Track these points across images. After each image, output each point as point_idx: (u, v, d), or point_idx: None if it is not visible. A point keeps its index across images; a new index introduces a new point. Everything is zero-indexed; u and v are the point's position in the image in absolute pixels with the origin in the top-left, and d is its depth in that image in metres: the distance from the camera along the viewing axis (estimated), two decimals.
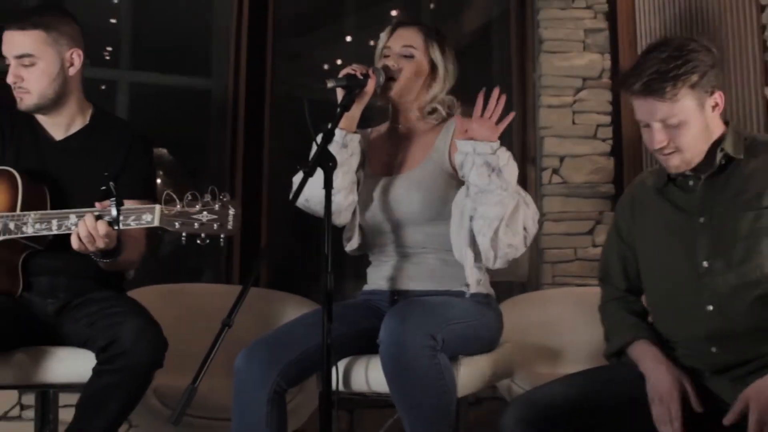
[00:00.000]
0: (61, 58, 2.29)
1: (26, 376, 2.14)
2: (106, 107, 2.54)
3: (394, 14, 4.53)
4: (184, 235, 1.98)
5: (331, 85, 2.18)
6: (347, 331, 2.16)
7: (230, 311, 1.89)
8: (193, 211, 1.98)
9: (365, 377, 2.13)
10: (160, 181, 3.50)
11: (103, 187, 2.03)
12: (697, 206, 1.88)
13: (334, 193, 2.13)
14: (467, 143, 2.13)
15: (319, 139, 2.04)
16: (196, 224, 1.97)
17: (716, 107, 1.85)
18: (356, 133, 2.27)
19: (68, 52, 2.31)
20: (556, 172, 3.89)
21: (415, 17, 4.39)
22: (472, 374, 2.17)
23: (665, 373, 1.83)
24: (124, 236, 2.13)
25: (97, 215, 2.03)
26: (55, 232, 2.10)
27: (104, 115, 2.45)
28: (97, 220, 2.02)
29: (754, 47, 3.23)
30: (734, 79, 3.28)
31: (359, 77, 2.20)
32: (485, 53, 4.28)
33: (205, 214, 1.98)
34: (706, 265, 1.85)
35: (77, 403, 2.08)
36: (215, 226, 1.97)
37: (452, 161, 2.27)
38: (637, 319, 2.02)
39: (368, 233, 2.36)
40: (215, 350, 1.85)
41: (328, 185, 2.01)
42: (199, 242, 2.00)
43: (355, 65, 2.24)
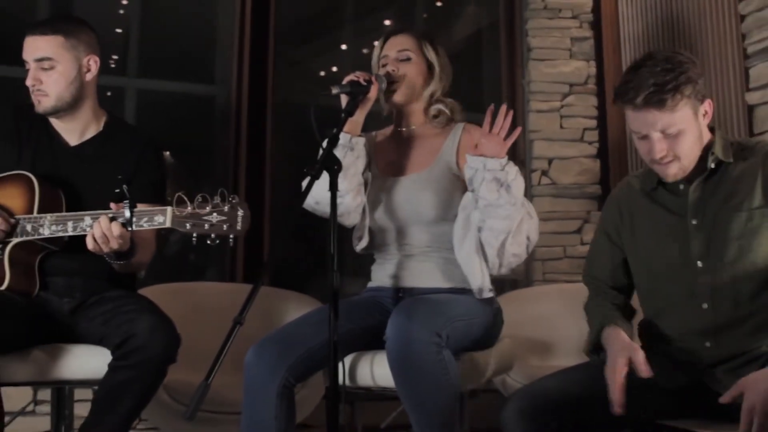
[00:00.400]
0: (78, 63, 2.28)
1: (43, 373, 2.12)
2: (114, 113, 2.52)
3: (387, 23, 4.53)
4: (194, 235, 1.97)
5: (335, 91, 2.17)
6: (353, 327, 2.16)
7: (241, 309, 1.87)
8: (203, 212, 1.97)
9: (371, 372, 2.13)
10: None
11: (117, 189, 2.03)
12: (689, 209, 1.88)
13: (342, 195, 2.13)
14: (477, 159, 2.13)
15: (324, 143, 2.03)
16: (206, 225, 1.96)
17: (706, 115, 1.86)
18: (361, 136, 2.27)
19: (86, 58, 2.30)
20: (545, 173, 3.91)
21: (407, 25, 4.41)
22: (475, 369, 2.17)
23: (618, 346, 1.82)
24: (136, 238, 2.13)
25: (111, 217, 2.02)
26: (70, 233, 2.09)
27: (117, 122, 2.44)
28: (111, 222, 2.02)
29: (734, 54, 3.25)
30: (715, 85, 3.29)
31: (362, 83, 2.20)
32: (476, 61, 4.29)
33: (215, 215, 1.97)
34: (700, 264, 1.85)
35: (93, 398, 2.08)
36: (225, 226, 1.96)
37: (459, 164, 2.27)
38: (610, 309, 1.99)
39: (375, 232, 2.35)
40: (227, 348, 1.84)
41: (333, 187, 2.00)
42: (209, 242, 1.99)
43: (358, 72, 2.24)
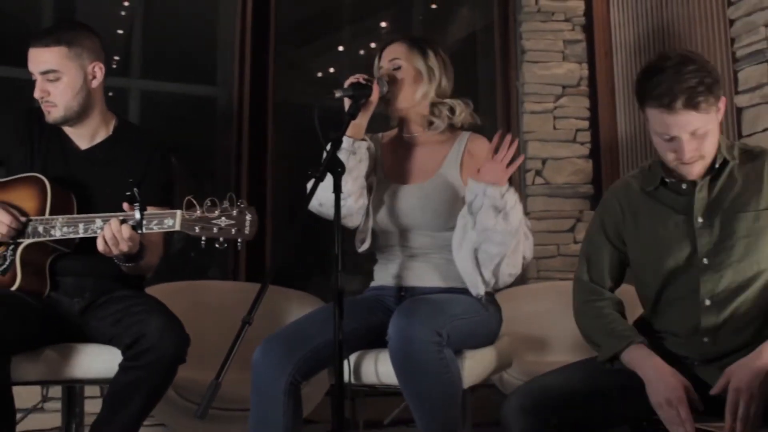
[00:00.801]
0: (84, 71, 2.27)
1: (55, 372, 2.12)
2: (123, 117, 2.52)
3: (384, 25, 4.53)
4: (203, 239, 1.97)
5: (338, 94, 2.17)
6: (357, 326, 2.16)
7: (250, 309, 1.88)
8: (212, 216, 1.97)
9: (375, 370, 2.14)
10: None
11: (127, 192, 2.03)
12: (695, 208, 1.89)
13: (344, 197, 2.13)
14: (478, 185, 2.13)
15: (328, 145, 2.04)
16: (215, 229, 1.96)
17: (719, 111, 1.85)
18: (364, 140, 2.27)
19: (90, 65, 2.28)
20: (538, 173, 3.92)
21: (403, 28, 4.41)
22: (476, 366, 2.18)
23: (669, 377, 1.78)
24: (144, 241, 2.12)
25: (121, 220, 2.02)
26: (81, 235, 2.09)
27: (126, 125, 2.43)
28: (121, 224, 2.02)
29: (723, 58, 3.27)
30: None
31: (362, 82, 2.21)
32: (471, 63, 4.30)
33: (223, 219, 1.97)
34: (706, 262, 1.87)
35: (104, 397, 2.07)
36: (233, 230, 1.96)
37: (462, 177, 2.28)
38: (625, 321, 1.97)
39: (378, 234, 2.35)
40: (237, 346, 1.84)
41: (337, 189, 2.01)
42: (217, 246, 1.99)
43: (358, 74, 2.24)
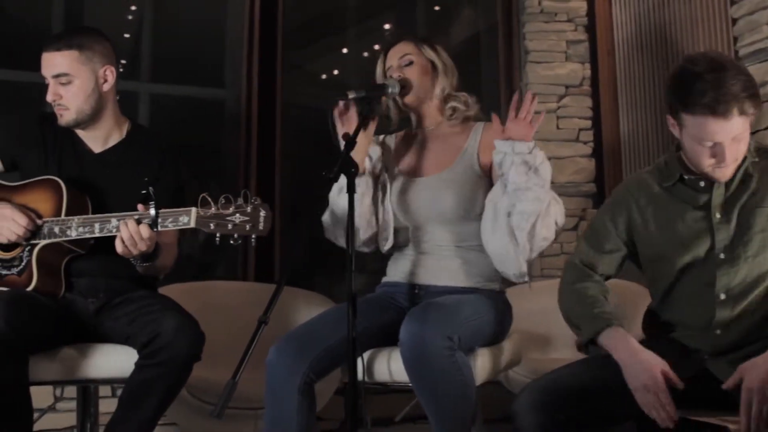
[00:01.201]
0: (95, 75, 2.26)
1: (71, 372, 2.12)
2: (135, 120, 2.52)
3: (387, 27, 4.52)
4: (218, 235, 1.97)
5: (352, 96, 2.17)
6: (369, 325, 2.16)
7: (266, 309, 1.89)
8: (226, 212, 1.96)
9: (388, 368, 2.13)
10: None
11: (143, 191, 2.03)
12: (713, 203, 1.89)
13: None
14: (506, 143, 2.12)
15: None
16: (229, 225, 1.96)
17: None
18: (362, 174, 2.26)
19: (102, 69, 2.28)
20: None
21: (406, 29, 4.41)
22: (487, 364, 2.18)
23: (643, 361, 1.78)
24: (159, 241, 2.12)
25: (136, 219, 2.02)
26: (97, 234, 2.09)
27: (139, 129, 2.42)
28: (138, 224, 2.01)
29: None
30: None
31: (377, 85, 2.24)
32: (475, 64, 4.30)
33: (238, 216, 1.97)
34: (722, 256, 1.87)
35: (120, 396, 2.07)
36: (248, 227, 1.96)
37: (481, 163, 2.27)
38: (607, 304, 1.96)
39: (396, 231, 2.35)
40: (254, 345, 1.84)
41: (351, 189, 2.01)
42: (231, 242, 1.99)
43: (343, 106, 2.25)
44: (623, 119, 3.92)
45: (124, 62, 3.73)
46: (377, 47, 4.37)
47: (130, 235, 2.01)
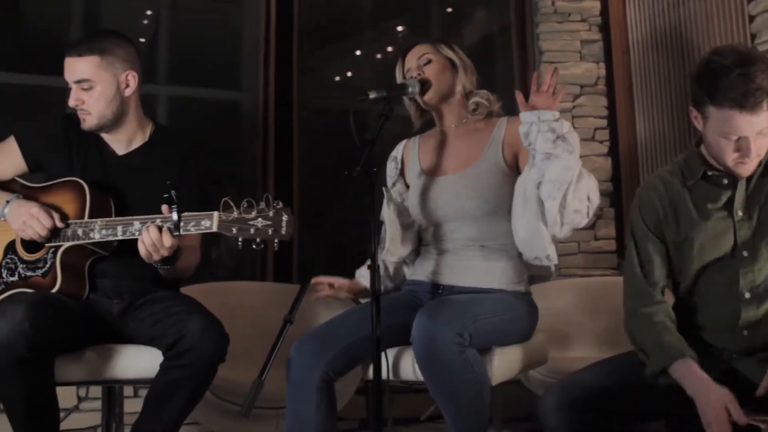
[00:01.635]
0: (116, 80, 2.25)
1: (96, 372, 2.11)
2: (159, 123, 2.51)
3: (400, 29, 4.52)
4: (240, 239, 1.96)
5: (373, 95, 2.16)
6: (390, 323, 2.13)
7: (291, 308, 1.88)
8: (249, 217, 1.95)
9: (412, 366, 2.11)
10: None
11: (165, 195, 2.03)
12: (736, 201, 1.87)
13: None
14: (531, 113, 2.08)
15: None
16: (252, 230, 1.94)
17: None
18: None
19: (123, 74, 2.26)
20: None
21: (420, 33, 4.41)
22: (505, 364, 2.15)
23: (713, 400, 1.73)
24: (181, 243, 2.10)
25: (158, 226, 2.01)
26: (120, 237, 2.08)
27: (163, 131, 2.41)
28: (160, 231, 2.00)
29: None
30: None
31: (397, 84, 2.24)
32: (489, 65, 4.28)
33: (260, 220, 1.95)
34: (745, 254, 1.85)
35: (145, 397, 2.06)
36: (270, 231, 1.94)
37: (506, 157, 2.25)
38: (675, 332, 1.90)
39: (421, 230, 2.35)
40: (279, 345, 1.83)
41: (372, 190, 2.00)
42: (254, 246, 1.97)
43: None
44: (639, 118, 3.89)
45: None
46: (390, 49, 4.37)
47: (152, 241, 2.00)
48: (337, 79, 4.50)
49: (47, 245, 2.15)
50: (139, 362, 2.12)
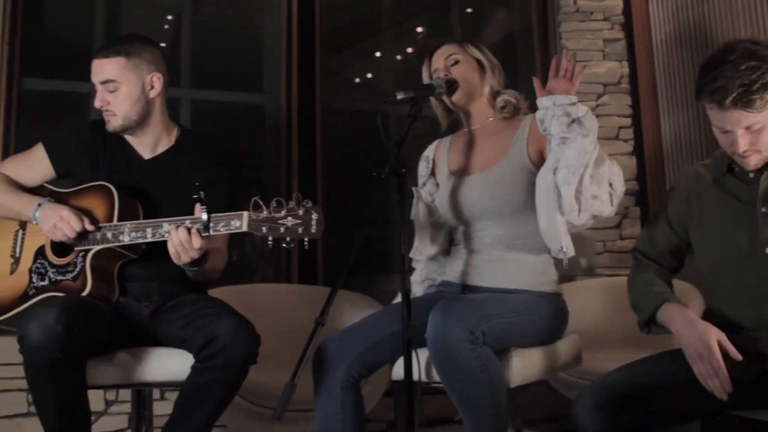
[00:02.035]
0: (142, 82, 2.26)
1: (127, 375, 2.11)
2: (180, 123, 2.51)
3: (420, 30, 4.50)
4: (270, 239, 1.95)
5: (401, 96, 2.15)
6: (417, 324, 2.12)
7: (322, 311, 1.87)
8: (278, 216, 1.95)
9: None
10: None
11: (194, 195, 2.03)
12: (758, 197, 1.84)
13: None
14: (547, 98, 2.06)
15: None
16: (281, 229, 1.94)
17: None
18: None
19: (149, 76, 2.27)
20: None
21: (440, 33, 4.39)
22: (524, 366, 2.11)
23: (698, 329, 1.75)
24: (208, 247, 2.10)
25: (188, 227, 2.01)
26: (149, 239, 2.08)
27: (189, 134, 2.41)
28: (189, 233, 2.00)
29: None
30: None
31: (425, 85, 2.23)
32: (511, 65, 4.25)
33: (290, 219, 1.95)
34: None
35: (176, 399, 2.05)
36: (300, 230, 1.94)
37: (531, 154, 2.23)
38: (665, 285, 1.95)
39: (450, 230, 2.34)
40: (311, 347, 1.82)
41: (402, 190, 1.99)
42: (284, 245, 1.97)
43: None
44: (664, 116, 3.85)
45: None
46: (410, 50, 4.35)
47: (180, 242, 2.00)
48: (357, 80, 4.49)
49: (77, 249, 2.15)
50: (169, 365, 2.12)
